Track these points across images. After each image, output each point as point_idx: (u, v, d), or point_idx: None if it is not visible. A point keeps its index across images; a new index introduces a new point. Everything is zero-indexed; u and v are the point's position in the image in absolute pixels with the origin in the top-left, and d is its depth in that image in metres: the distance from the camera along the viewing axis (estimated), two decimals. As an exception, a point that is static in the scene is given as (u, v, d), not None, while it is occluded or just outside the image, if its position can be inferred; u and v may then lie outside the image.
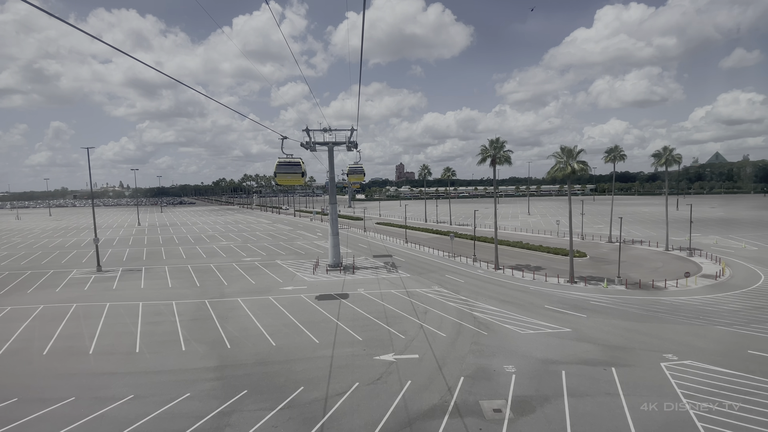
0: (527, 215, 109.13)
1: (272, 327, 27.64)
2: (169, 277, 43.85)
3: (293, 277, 42.52)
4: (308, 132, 43.23)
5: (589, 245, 59.53)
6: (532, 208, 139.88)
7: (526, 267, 45.57)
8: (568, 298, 33.33)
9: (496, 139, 42.58)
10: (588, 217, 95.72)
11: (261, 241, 70.20)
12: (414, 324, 27.65)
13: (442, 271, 43.83)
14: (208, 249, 62.73)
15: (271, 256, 55.03)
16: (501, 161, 42.29)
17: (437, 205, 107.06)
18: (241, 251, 59.96)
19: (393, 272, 43.76)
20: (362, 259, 52.30)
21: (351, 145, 43.84)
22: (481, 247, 56.98)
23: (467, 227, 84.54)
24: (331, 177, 45.03)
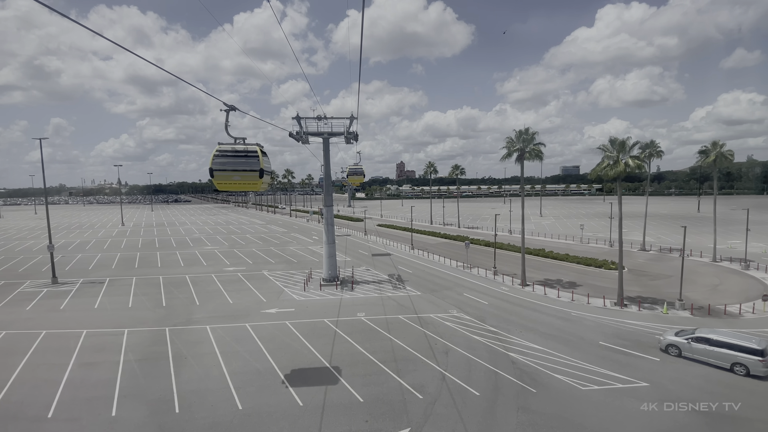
0: (539, 217, 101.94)
1: (242, 375, 20.52)
2: (132, 293, 36.73)
3: (280, 294, 35.39)
4: (299, 120, 36.07)
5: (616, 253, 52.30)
6: (533, 209, 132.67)
7: (557, 282, 38.46)
8: (624, 330, 26.20)
9: (525, 129, 35.40)
10: (607, 220, 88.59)
11: (250, 246, 63.07)
12: (433, 372, 20.53)
13: (458, 288, 36.69)
14: (189, 255, 55.57)
15: (258, 265, 47.88)
16: (531, 157, 35.12)
17: (444, 205, 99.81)
18: (226, 258, 52.81)
19: (399, 288, 36.65)
20: (363, 269, 45.15)
21: (350, 137, 36.66)
22: (500, 255, 49.87)
23: (478, 230, 77.42)
24: (327, 174, 37.84)
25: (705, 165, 45.54)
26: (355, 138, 37.29)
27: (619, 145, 29.72)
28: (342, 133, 36.57)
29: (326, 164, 37.46)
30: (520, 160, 35.88)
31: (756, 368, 19.51)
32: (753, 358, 19.63)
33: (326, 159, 37.58)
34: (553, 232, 73.40)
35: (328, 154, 37.58)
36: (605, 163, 30.01)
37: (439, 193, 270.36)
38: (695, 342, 21.51)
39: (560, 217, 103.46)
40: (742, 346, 20.06)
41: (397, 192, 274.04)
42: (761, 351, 19.60)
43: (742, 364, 19.90)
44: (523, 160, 35.81)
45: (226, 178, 16.58)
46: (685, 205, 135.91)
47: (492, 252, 52.95)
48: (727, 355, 20.39)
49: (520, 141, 35.49)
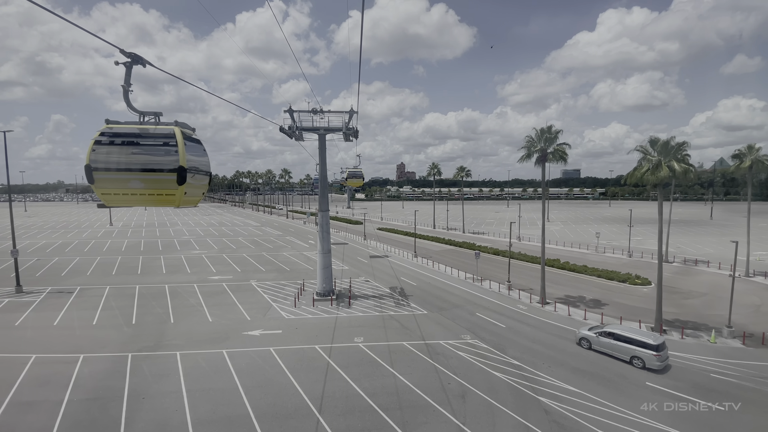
0: (547, 222, 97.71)
1: (208, 427, 16.32)
2: (101, 306, 32.50)
3: (267, 310, 31.17)
4: (292, 113, 31.89)
5: (642, 266, 48.22)
6: (539, 213, 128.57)
7: (580, 300, 34.30)
8: (676, 368, 21.99)
9: (548, 127, 31.24)
10: (617, 226, 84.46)
11: (241, 250, 58.83)
12: (448, 427, 16.35)
13: (469, 306, 32.47)
14: (174, 261, 51.32)
15: (247, 274, 43.66)
16: (555, 158, 30.94)
17: (448, 209, 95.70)
18: (213, 265, 48.57)
19: (402, 305, 32.45)
20: (361, 281, 40.94)
21: (349, 133, 32.50)
22: (512, 266, 45.77)
23: (484, 236, 73.20)
24: (322, 175, 33.63)
25: (739, 171, 41.48)
26: (355, 135, 33.13)
27: (662, 147, 25.57)
28: (340, 129, 32.40)
29: (322, 163, 33.28)
30: (542, 162, 31.70)
31: (651, 362, 21.15)
32: (648, 352, 21.24)
33: (322, 158, 33.41)
34: (564, 239, 69.20)
35: (324, 152, 33.41)
36: (644, 167, 25.85)
37: (440, 195, 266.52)
38: (602, 336, 23.32)
39: (568, 222, 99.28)
40: (640, 341, 21.77)
41: (398, 193, 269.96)
42: (656, 346, 21.19)
43: (639, 358, 21.54)
44: (545, 162, 31.64)
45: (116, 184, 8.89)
46: (694, 210, 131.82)
47: (502, 262, 48.91)
48: (627, 348, 22.09)
49: (542, 140, 31.34)
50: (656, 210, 27.49)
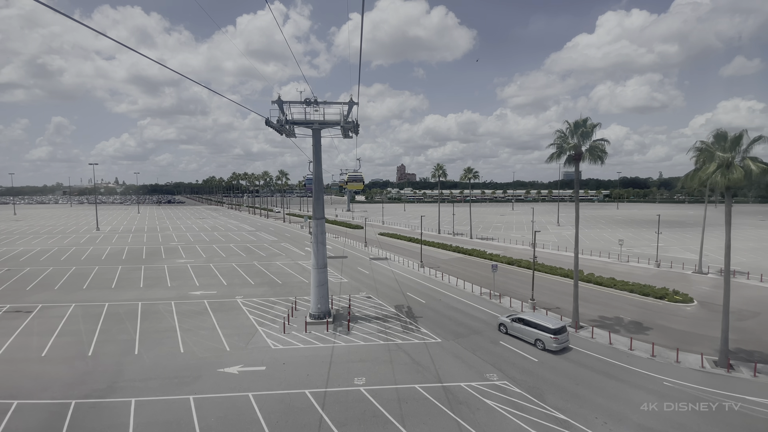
0: (557, 226, 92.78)
1: None
2: (58, 331, 27.71)
3: (251, 337, 26.35)
4: (281, 105, 27.15)
5: (674, 278, 43.42)
6: (547, 216, 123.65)
7: (617, 323, 29.48)
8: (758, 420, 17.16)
9: (583, 120, 26.48)
10: (633, 230, 79.47)
11: (230, 258, 54.03)
12: None
13: (490, 332, 27.60)
14: (155, 272, 46.50)
15: (234, 288, 38.85)
16: (592, 157, 26.16)
17: (454, 212, 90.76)
18: (197, 277, 43.75)
19: (411, 329, 27.62)
20: (362, 297, 36.11)
21: (348, 127, 27.74)
22: (527, 278, 41.00)
23: (494, 242, 68.27)
24: (317, 176, 28.76)
25: None
26: (355, 130, 28.37)
27: (732, 143, 20.80)
28: (338, 123, 27.63)
29: (316, 163, 28.46)
30: (575, 161, 26.93)
31: (549, 344, 23.55)
32: (547, 335, 23.62)
33: (317, 156, 28.60)
34: (581, 246, 64.29)
35: (319, 150, 28.60)
36: (710, 168, 21.06)
37: (442, 197, 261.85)
38: (515, 322, 25.89)
39: (580, 227, 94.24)
40: (542, 326, 24.19)
41: (398, 195, 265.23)
42: (554, 330, 23.55)
43: (541, 340, 23.96)
44: (579, 162, 26.88)
45: None
46: (708, 213, 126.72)
47: (520, 274, 44.08)
48: (532, 332, 24.60)
49: (576, 136, 26.57)
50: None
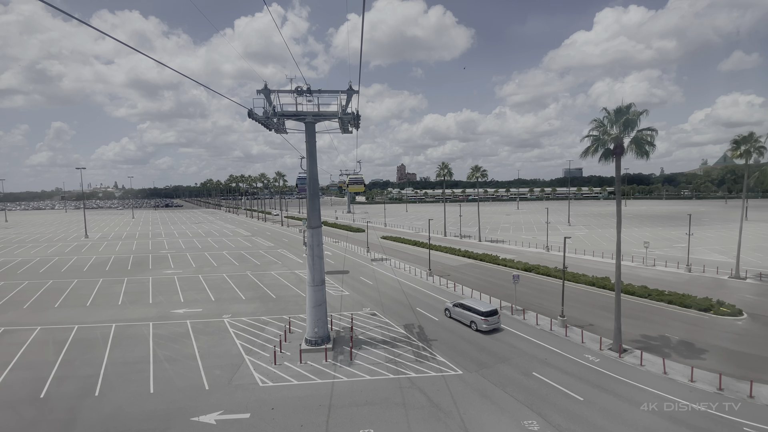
0: (568, 226, 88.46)
1: None
2: (12, 365, 23.57)
3: (236, 369, 22.18)
4: (268, 94, 22.96)
5: (711, 284, 39.17)
6: (555, 215, 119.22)
7: (664, 343, 25.26)
8: None
9: (626, 106, 22.26)
10: (649, 229, 75.08)
11: (222, 268, 49.86)
12: None
13: (519, 358, 23.36)
14: (138, 285, 42.36)
15: (222, 304, 34.68)
16: (638, 150, 21.94)
17: (461, 215, 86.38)
18: (183, 291, 39.59)
19: (425, 357, 23.43)
20: (366, 314, 31.90)
21: (347, 119, 23.55)
22: (549, 287, 36.84)
23: (505, 246, 63.91)
24: (311, 176, 24.45)
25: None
26: (355, 122, 24.17)
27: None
28: (335, 114, 23.43)
29: (311, 160, 24.21)
30: (616, 155, 22.71)
31: (480, 325, 26.72)
32: (479, 317, 26.89)
33: (311, 153, 24.36)
34: (598, 247, 60.15)
35: (313, 145, 24.37)
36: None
37: (444, 196, 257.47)
38: (456, 307, 29.06)
39: (592, 226, 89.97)
40: (475, 309, 27.45)
41: (399, 196, 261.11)
42: (484, 312, 26.80)
43: (474, 322, 27.23)
44: (620, 155, 22.67)
45: None
46: (717, 209, 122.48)
47: (539, 283, 39.74)
48: (468, 315, 27.82)
49: (618, 125, 22.36)
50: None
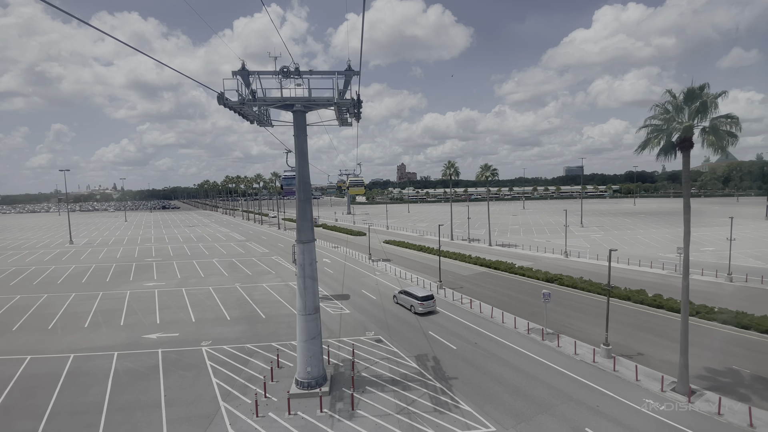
0: (581, 228, 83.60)
1: None
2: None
3: (209, 423, 17.53)
4: (246, 77, 18.24)
5: (760, 297, 34.47)
6: (563, 215, 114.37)
7: (736, 380, 20.58)
8: None
9: (699, 88, 17.57)
10: (670, 230, 70.18)
11: (210, 279, 45.21)
12: None
13: (564, 405, 18.65)
14: (112, 302, 37.72)
15: (202, 327, 30.01)
16: (718, 141, 17.23)
17: (469, 217, 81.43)
18: (162, 309, 34.93)
19: (446, 406, 18.73)
20: (370, 339, 27.21)
21: (345, 106, 18.79)
22: (578, 302, 32.21)
23: (517, 250, 59.03)
24: (302, 178, 19.72)
25: None
26: (355, 112, 19.44)
27: None
28: (330, 102, 18.70)
29: (300, 158, 19.45)
30: (683, 149, 18.02)
31: (417, 308, 31.32)
32: (416, 302, 31.36)
33: (300, 148, 19.59)
34: (620, 252, 55.41)
35: (304, 138, 19.62)
36: None
37: (445, 196, 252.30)
38: (401, 294, 33.70)
39: (606, 227, 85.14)
40: (414, 294, 32.05)
41: (400, 196, 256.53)
42: (421, 297, 31.32)
43: (413, 305, 31.62)
44: (689, 149, 17.98)
45: None
46: (730, 208, 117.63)
47: (566, 296, 34.82)
48: (408, 300, 32.33)
49: (689, 111, 17.66)
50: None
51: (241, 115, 19.33)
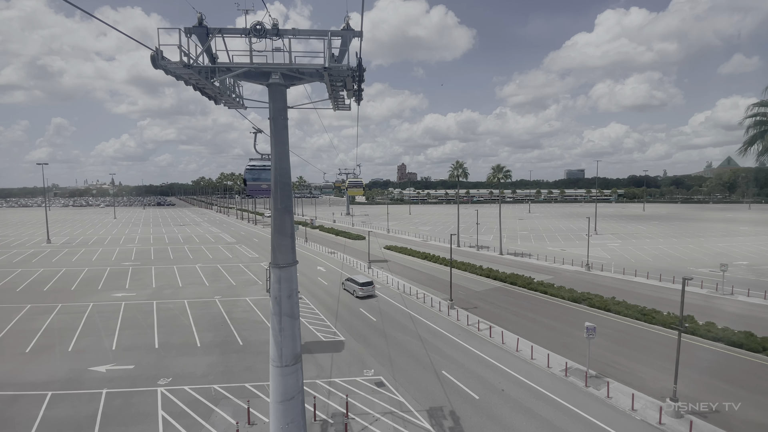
0: (596, 235, 78.15)
1: None
2: None
3: None
4: (203, 36, 12.93)
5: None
6: (573, 220, 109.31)
7: None
8: None
9: None
10: (692, 239, 64.70)
11: (187, 290, 39.89)
12: None
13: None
14: (67, 319, 32.41)
15: (165, 358, 24.69)
16: None
17: (478, 222, 75.98)
18: (123, 329, 29.60)
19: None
20: (369, 383, 21.91)
21: (340, 76, 13.43)
22: (614, 329, 26.92)
23: (532, 261, 53.53)
24: (279, 174, 14.40)
25: None
26: (354, 85, 14.13)
27: None
28: (318, 73, 13.39)
29: (278, 147, 14.09)
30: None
31: (357, 293, 36.25)
32: (357, 287, 36.23)
33: (278, 135, 14.20)
34: (645, 265, 50.28)
35: (283, 121, 14.27)
36: None
37: (446, 197, 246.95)
38: (347, 281, 38.41)
39: (621, 234, 79.83)
40: (356, 281, 36.87)
41: (400, 196, 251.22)
42: (361, 283, 36.34)
43: (355, 290, 36.49)
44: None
45: None
46: (747, 215, 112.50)
47: (602, 321, 29.19)
48: (352, 286, 37.07)
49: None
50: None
51: (198, 89, 14.04)
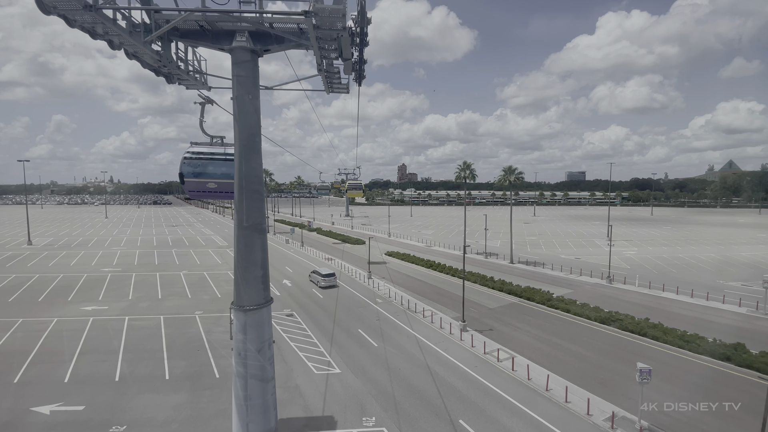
0: (606, 240, 74.00)
1: None
2: None
3: None
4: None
5: None
6: (584, 224, 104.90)
7: None
8: None
9: None
10: (710, 246, 60.09)
11: (166, 303, 35.76)
12: None
13: None
14: (25, 338, 28.31)
15: (124, 396, 20.58)
16: None
17: (487, 228, 71.58)
18: (83, 353, 25.47)
19: None
20: None
21: (330, 35, 9.32)
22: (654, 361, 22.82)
23: (546, 271, 49.12)
24: (243, 175, 10.39)
25: None
26: (354, 55, 10.01)
27: None
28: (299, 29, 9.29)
29: (243, 137, 10.04)
30: None
31: (320, 283, 40.24)
32: (321, 278, 40.17)
33: (246, 118, 10.07)
34: (669, 278, 46.19)
35: (251, 99, 10.15)
36: None
37: (448, 198, 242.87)
38: (312, 273, 42.48)
39: (635, 240, 75.64)
40: (320, 272, 40.86)
41: (401, 197, 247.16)
42: (324, 275, 40.19)
43: (318, 282, 40.67)
44: None
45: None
46: (758, 218, 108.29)
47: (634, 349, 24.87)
48: (317, 278, 40.94)
49: None
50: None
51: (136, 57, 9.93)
